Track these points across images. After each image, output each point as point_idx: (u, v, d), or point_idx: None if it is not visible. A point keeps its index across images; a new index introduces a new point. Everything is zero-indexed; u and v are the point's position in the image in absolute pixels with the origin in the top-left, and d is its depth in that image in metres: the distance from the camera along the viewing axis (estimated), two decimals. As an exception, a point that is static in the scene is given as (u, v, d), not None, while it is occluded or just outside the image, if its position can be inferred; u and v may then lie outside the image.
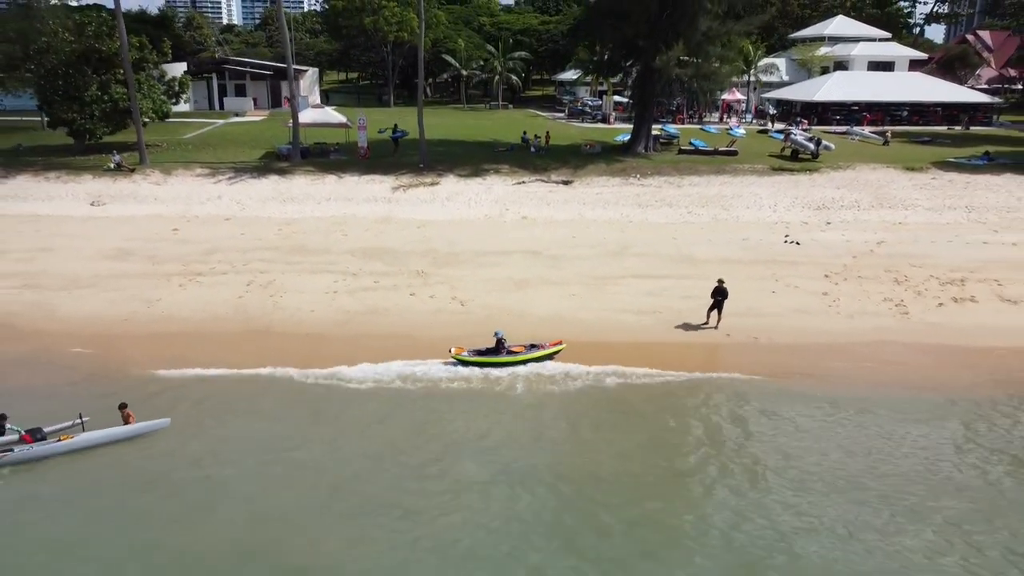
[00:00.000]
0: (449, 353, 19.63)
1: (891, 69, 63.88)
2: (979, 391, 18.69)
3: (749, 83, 60.66)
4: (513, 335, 20.24)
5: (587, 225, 32.70)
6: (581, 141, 46.44)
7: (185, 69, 56.99)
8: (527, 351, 19.72)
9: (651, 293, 24.59)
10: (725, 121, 57.57)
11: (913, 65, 66.26)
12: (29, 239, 29.77)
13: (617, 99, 60.32)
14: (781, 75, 64.14)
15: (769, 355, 20.49)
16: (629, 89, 50.36)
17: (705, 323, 22.23)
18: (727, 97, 57.70)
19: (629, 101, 54.67)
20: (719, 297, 21.83)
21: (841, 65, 63.97)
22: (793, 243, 30.20)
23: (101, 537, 13.21)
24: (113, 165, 38.02)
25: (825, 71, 64.09)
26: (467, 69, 75.39)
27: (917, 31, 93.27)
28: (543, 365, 19.57)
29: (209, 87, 63.12)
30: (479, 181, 37.60)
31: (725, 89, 51.44)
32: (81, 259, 27.44)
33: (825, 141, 42.76)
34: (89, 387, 18.27)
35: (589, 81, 59.13)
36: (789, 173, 39.00)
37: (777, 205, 35.24)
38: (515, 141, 45.87)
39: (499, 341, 19.65)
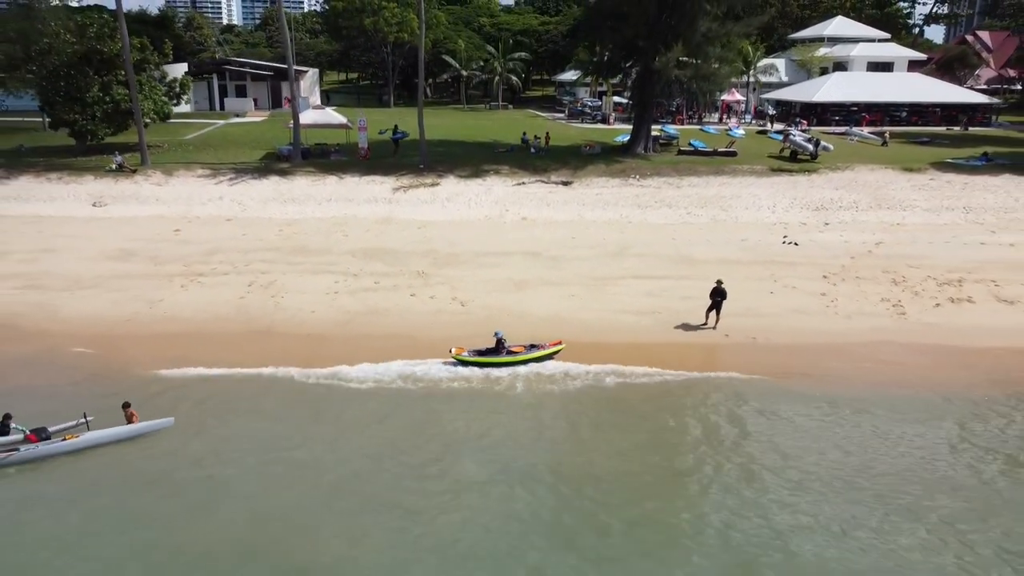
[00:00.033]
0: (449, 353, 19.75)
1: (890, 70, 64.00)
2: (975, 391, 18.81)
3: (748, 84, 60.74)
4: (513, 335, 20.38)
5: (587, 226, 32.84)
6: (581, 142, 46.55)
7: (186, 70, 57.10)
8: (527, 351, 19.84)
9: (650, 294, 24.72)
10: (724, 122, 57.66)
11: (912, 66, 66.39)
12: (31, 240, 29.91)
13: (617, 100, 60.46)
14: (780, 76, 64.20)
15: (767, 355, 20.62)
16: (629, 90, 50.49)
17: (704, 323, 22.36)
18: (726, 98, 57.79)
19: (629, 102, 54.85)
20: (718, 298, 21.95)
21: (840, 66, 64.12)
22: (791, 244, 30.32)
23: (103, 536, 13.32)
24: (115, 166, 38.16)
25: (824, 72, 64.21)
26: (467, 70, 75.54)
27: (917, 32, 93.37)
28: (543, 365, 19.70)
29: (210, 88, 63.28)
30: (479, 182, 37.74)
31: (724, 90, 51.54)
32: (83, 260, 27.57)
33: (824, 142, 42.90)
34: (92, 387, 18.40)
35: (589, 82, 59.19)
36: (788, 174, 39.13)
37: (776, 206, 35.36)
38: (515, 142, 45.99)
39: (499, 341, 19.79)
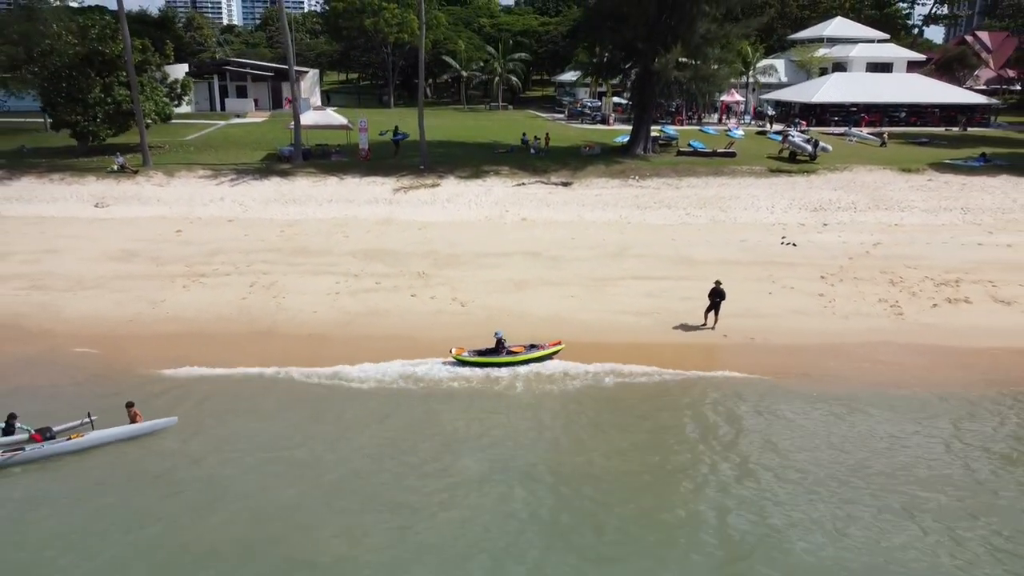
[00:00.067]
0: (450, 353, 19.89)
1: (889, 70, 64.17)
2: (972, 391, 18.94)
3: (748, 84, 60.86)
4: (513, 336, 20.54)
5: (586, 226, 32.99)
6: (580, 143, 46.70)
7: (187, 70, 57.23)
8: (527, 351, 19.98)
9: (650, 294, 24.87)
10: (724, 123, 57.79)
11: (912, 66, 66.57)
12: (34, 241, 30.07)
13: (616, 101, 60.57)
14: (780, 76, 64.27)
15: (765, 355, 20.76)
16: (628, 91, 50.63)
17: (703, 324, 22.49)
18: (726, 98, 57.87)
19: (628, 103, 54.96)
20: (716, 298, 22.09)
21: (840, 66, 64.28)
22: (790, 244, 30.46)
23: (107, 535, 13.45)
24: (117, 167, 38.33)
25: (824, 72, 64.35)
26: (467, 70, 75.70)
27: (916, 32, 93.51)
28: (542, 364, 19.85)
29: (210, 88, 63.43)
30: (479, 183, 37.89)
31: (724, 91, 51.66)
32: (86, 260, 27.73)
33: (822, 143, 43.02)
34: (94, 387, 18.55)
35: (589, 82, 59.33)
36: (787, 175, 39.29)
37: (774, 207, 35.52)
38: (515, 142, 46.15)
39: (499, 341, 19.94)
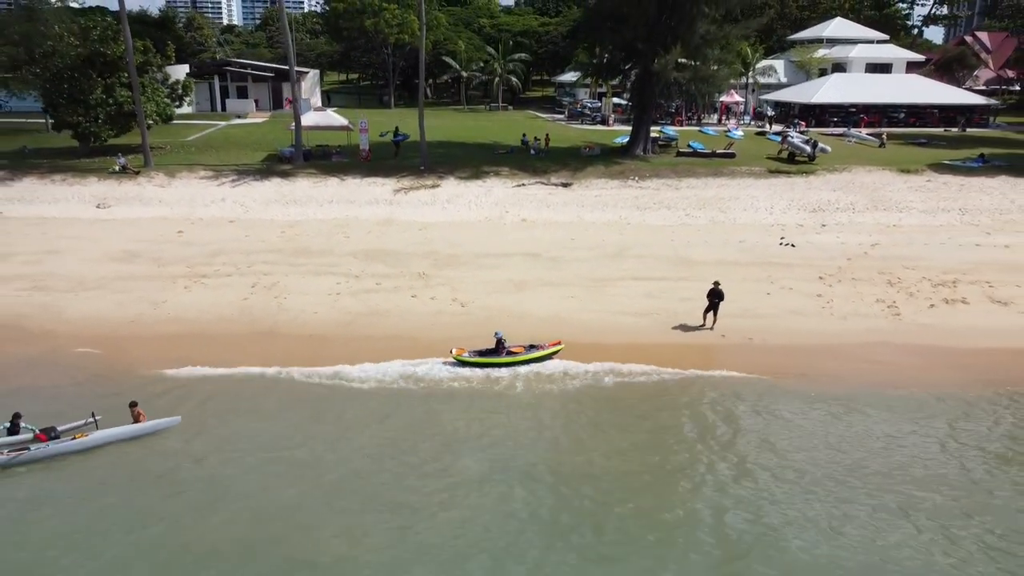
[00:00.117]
0: (450, 354, 20.02)
1: (889, 71, 64.28)
2: (969, 391, 19.06)
3: (747, 85, 60.97)
4: (513, 336, 20.67)
5: (586, 227, 33.11)
6: (580, 143, 46.81)
7: (187, 71, 57.32)
8: (526, 351, 20.11)
9: (649, 295, 24.99)
10: (723, 123, 57.90)
11: (911, 67, 66.65)
12: (36, 241, 30.18)
13: (616, 101, 60.66)
14: (779, 77, 64.41)
15: (763, 355, 20.88)
16: (628, 91, 50.71)
17: (702, 324, 22.61)
18: (725, 99, 57.99)
19: (628, 103, 55.05)
20: (715, 299, 22.21)
21: (839, 67, 64.41)
22: (788, 245, 30.57)
23: (110, 534, 13.57)
24: (118, 167, 38.44)
25: (823, 73, 64.48)
26: (467, 71, 75.82)
27: (915, 32, 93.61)
28: (542, 364, 19.98)
29: (211, 89, 63.54)
30: (479, 183, 38.01)
31: (723, 91, 51.75)
32: (88, 261, 27.84)
33: (821, 143, 43.13)
34: (96, 387, 18.67)
35: (588, 83, 59.46)
36: (786, 175, 39.41)
37: (773, 207, 35.64)
38: (515, 143, 46.27)
39: (499, 342, 20.07)
